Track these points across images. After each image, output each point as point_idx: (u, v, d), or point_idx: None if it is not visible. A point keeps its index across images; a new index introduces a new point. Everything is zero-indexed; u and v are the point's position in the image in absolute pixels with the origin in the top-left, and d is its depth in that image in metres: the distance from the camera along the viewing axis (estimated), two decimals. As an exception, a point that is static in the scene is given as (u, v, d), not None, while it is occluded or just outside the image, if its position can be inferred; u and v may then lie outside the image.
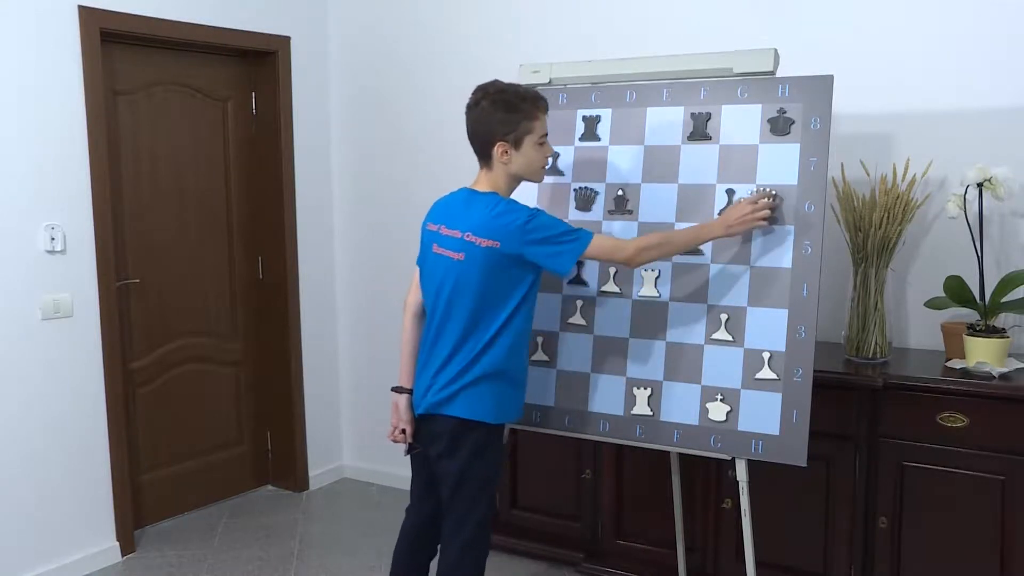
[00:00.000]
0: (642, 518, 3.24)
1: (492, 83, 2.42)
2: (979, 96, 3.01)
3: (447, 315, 2.38)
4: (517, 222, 2.30)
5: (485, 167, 2.43)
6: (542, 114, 2.40)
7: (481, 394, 2.37)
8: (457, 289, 2.36)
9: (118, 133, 3.67)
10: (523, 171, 2.42)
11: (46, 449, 3.35)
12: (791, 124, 2.50)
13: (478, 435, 2.39)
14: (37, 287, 3.30)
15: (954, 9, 3.02)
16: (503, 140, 2.36)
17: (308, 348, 4.35)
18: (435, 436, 2.43)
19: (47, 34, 3.28)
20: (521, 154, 2.38)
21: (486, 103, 2.37)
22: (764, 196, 2.46)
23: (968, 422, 2.65)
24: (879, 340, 2.93)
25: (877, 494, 2.81)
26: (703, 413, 2.52)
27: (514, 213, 2.32)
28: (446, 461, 2.41)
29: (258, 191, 4.23)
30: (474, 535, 2.43)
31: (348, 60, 4.33)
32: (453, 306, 2.37)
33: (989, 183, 2.79)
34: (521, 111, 2.36)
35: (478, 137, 2.40)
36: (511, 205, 2.36)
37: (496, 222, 2.31)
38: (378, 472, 4.47)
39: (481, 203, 2.37)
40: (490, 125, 2.36)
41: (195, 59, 3.94)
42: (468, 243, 2.34)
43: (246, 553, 3.67)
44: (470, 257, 2.33)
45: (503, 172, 2.40)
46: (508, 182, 2.43)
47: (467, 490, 2.41)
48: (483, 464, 2.41)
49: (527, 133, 2.37)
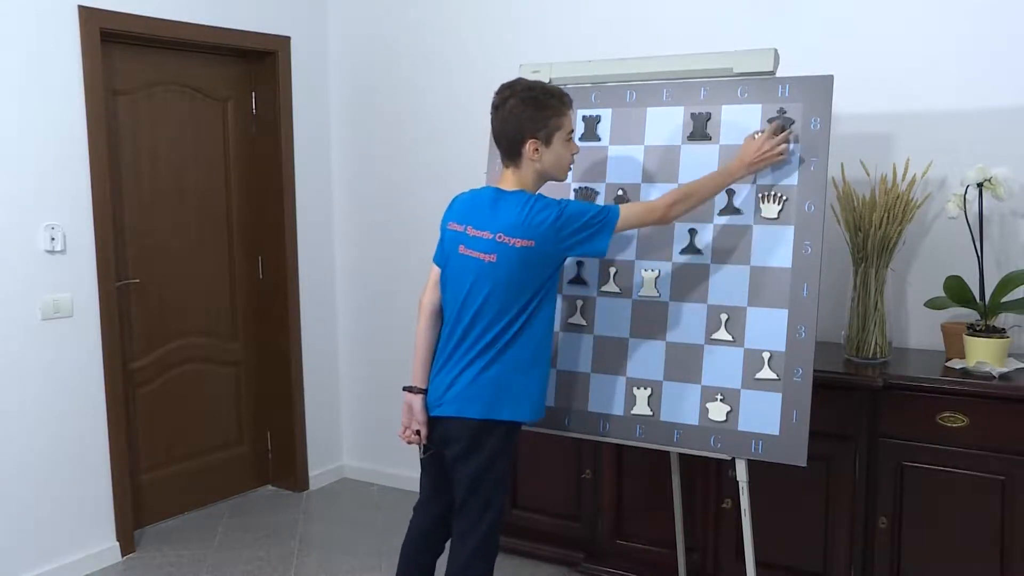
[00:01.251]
0: (642, 518, 3.24)
1: (518, 81, 2.41)
2: (979, 96, 3.01)
3: (476, 316, 2.35)
4: (549, 219, 2.29)
5: (513, 166, 2.40)
6: (569, 110, 2.40)
7: (506, 393, 2.35)
8: (489, 290, 2.33)
9: (118, 133, 3.67)
10: (552, 168, 2.41)
11: (46, 449, 3.35)
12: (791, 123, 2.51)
13: (498, 436, 2.38)
14: (37, 287, 3.30)
15: (954, 9, 3.02)
16: (534, 137, 2.35)
17: (308, 348, 4.35)
18: (453, 438, 2.40)
19: (47, 34, 3.28)
20: (551, 151, 2.37)
21: (514, 101, 2.34)
22: (779, 129, 2.48)
23: (968, 422, 2.65)
24: (879, 340, 2.93)
25: (877, 494, 2.80)
26: (703, 413, 2.52)
27: (546, 211, 2.30)
28: (463, 463, 2.39)
29: (258, 191, 4.23)
30: (486, 537, 2.42)
31: (348, 60, 4.34)
32: (483, 307, 2.34)
33: (989, 183, 2.78)
34: (551, 107, 2.35)
35: (507, 135, 2.37)
36: (541, 202, 2.33)
37: (529, 221, 2.30)
38: (378, 472, 4.47)
39: (511, 202, 2.34)
40: (520, 123, 2.34)
41: (195, 59, 3.94)
42: (500, 244, 2.31)
43: (246, 553, 3.67)
44: (503, 258, 2.31)
45: (532, 170, 2.39)
46: (536, 180, 2.41)
47: (482, 492, 2.40)
48: (500, 465, 2.40)
49: (557, 129, 2.36)
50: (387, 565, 3.53)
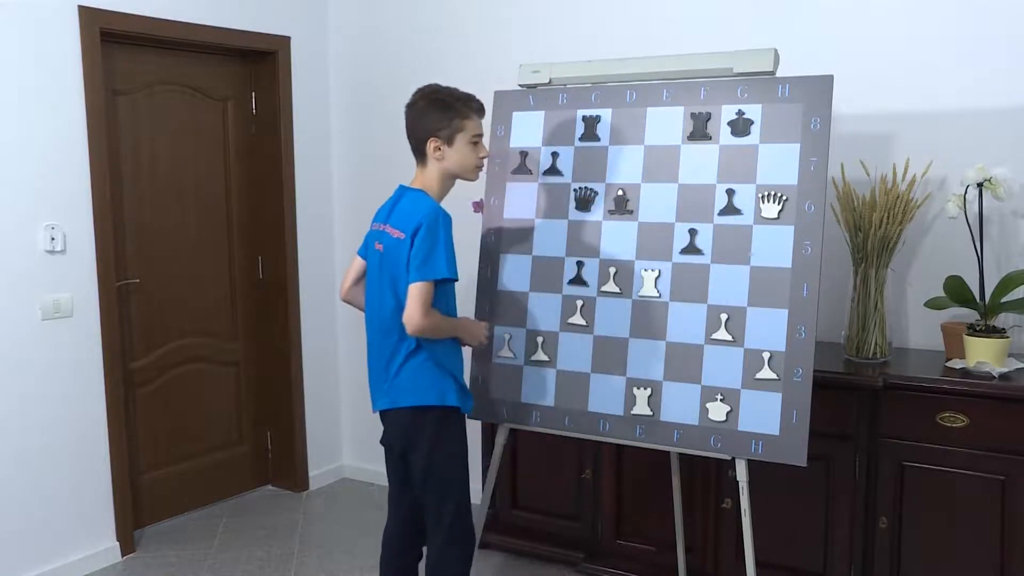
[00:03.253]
0: (642, 518, 3.24)
1: (430, 85, 2.56)
2: (979, 96, 3.01)
3: (381, 306, 2.50)
4: (417, 218, 2.40)
5: (420, 164, 2.55)
6: (475, 115, 2.53)
7: (421, 379, 2.46)
8: (379, 277, 2.49)
9: (118, 133, 3.67)
10: (456, 168, 2.53)
11: (46, 449, 3.35)
12: (750, 125, 2.54)
13: (431, 420, 2.47)
14: (37, 287, 3.30)
15: (954, 9, 3.02)
16: (436, 137, 2.48)
17: (308, 348, 4.35)
18: (396, 430, 2.53)
19: (47, 34, 3.28)
20: (454, 151, 2.50)
21: (423, 103, 2.51)
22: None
23: (968, 422, 2.65)
24: (879, 340, 2.93)
25: (877, 494, 2.81)
26: (703, 413, 2.52)
27: (423, 212, 2.41)
28: (411, 454, 2.51)
29: (258, 191, 4.23)
30: (453, 527, 2.50)
31: (348, 60, 4.33)
32: (383, 296, 2.49)
33: (989, 183, 2.79)
34: (454, 110, 2.49)
35: (414, 134, 2.53)
36: (427, 203, 2.45)
37: (407, 215, 2.44)
38: (378, 472, 4.44)
39: (406, 198, 2.51)
40: (424, 122, 2.49)
41: (195, 59, 3.94)
42: (385, 234, 2.49)
43: (246, 553, 3.67)
44: (387, 247, 2.47)
45: (436, 168, 2.52)
46: (441, 179, 2.53)
47: (434, 480, 2.49)
48: (444, 451, 2.49)
49: (460, 131, 2.49)
50: (387, 565, 3.53)
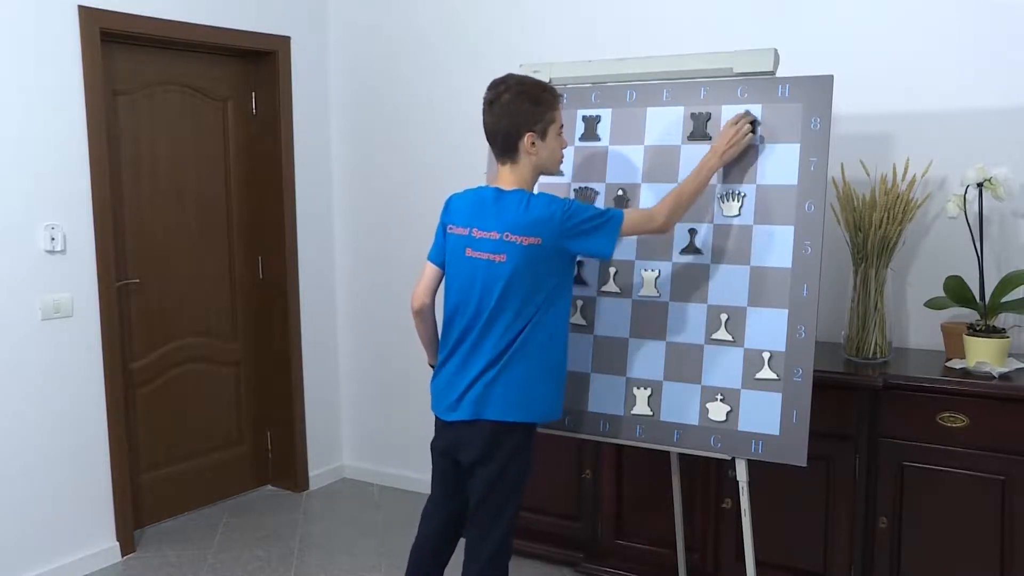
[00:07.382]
0: (642, 518, 3.24)
1: (508, 76, 2.41)
2: (979, 96, 3.01)
3: (490, 319, 2.33)
4: (556, 216, 2.29)
5: (510, 162, 2.39)
6: (560, 104, 2.43)
7: (523, 395, 2.34)
8: (502, 291, 2.31)
9: (118, 133, 3.67)
10: (547, 162, 2.42)
11: (46, 449, 3.35)
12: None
13: (515, 437, 2.36)
14: (37, 287, 3.30)
15: (954, 9, 3.02)
16: (532, 131, 2.35)
17: (308, 348, 4.35)
18: (468, 442, 2.38)
19: (47, 34, 3.28)
20: (546, 145, 2.39)
21: (509, 96, 2.34)
22: (740, 117, 2.52)
23: (968, 422, 2.65)
24: (879, 340, 2.93)
25: (877, 494, 2.81)
26: (703, 413, 2.52)
27: (551, 206, 2.31)
28: (480, 468, 2.38)
29: (258, 191, 4.23)
30: (502, 541, 2.41)
31: (348, 60, 4.34)
32: (497, 309, 2.32)
33: (989, 183, 2.78)
34: (545, 102, 2.36)
35: (502, 130, 2.36)
36: (543, 199, 2.34)
37: (534, 218, 2.29)
38: (378, 472, 4.47)
39: (512, 201, 2.34)
40: (516, 117, 2.33)
41: (195, 59, 3.94)
42: (508, 243, 2.30)
43: (246, 553, 3.67)
44: (513, 257, 2.30)
45: (529, 165, 2.39)
46: (533, 175, 2.42)
47: (498, 496, 2.38)
48: (517, 468, 2.39)
49: (551, 123, 2.38)
50: (387, 565, 3.53)
